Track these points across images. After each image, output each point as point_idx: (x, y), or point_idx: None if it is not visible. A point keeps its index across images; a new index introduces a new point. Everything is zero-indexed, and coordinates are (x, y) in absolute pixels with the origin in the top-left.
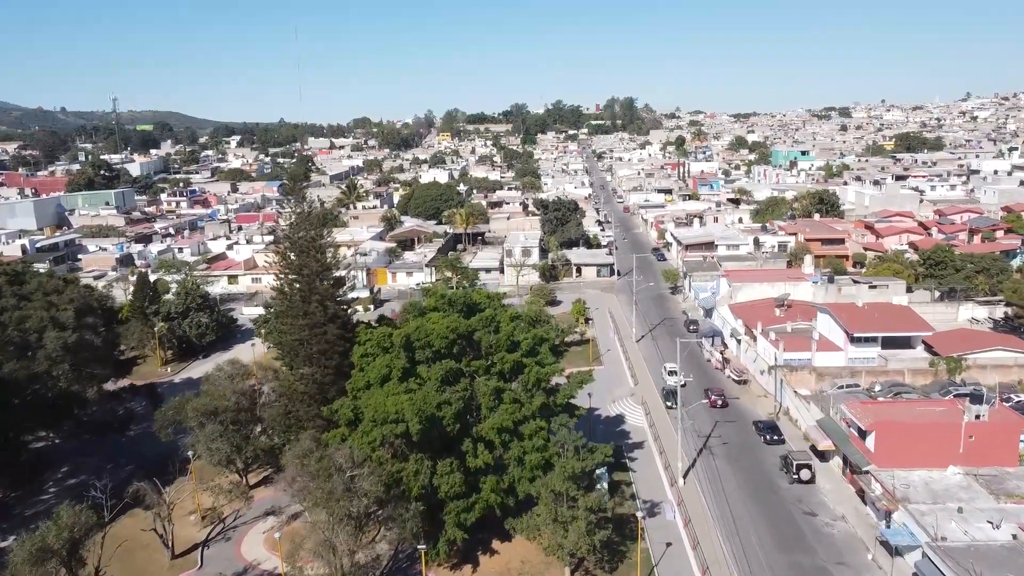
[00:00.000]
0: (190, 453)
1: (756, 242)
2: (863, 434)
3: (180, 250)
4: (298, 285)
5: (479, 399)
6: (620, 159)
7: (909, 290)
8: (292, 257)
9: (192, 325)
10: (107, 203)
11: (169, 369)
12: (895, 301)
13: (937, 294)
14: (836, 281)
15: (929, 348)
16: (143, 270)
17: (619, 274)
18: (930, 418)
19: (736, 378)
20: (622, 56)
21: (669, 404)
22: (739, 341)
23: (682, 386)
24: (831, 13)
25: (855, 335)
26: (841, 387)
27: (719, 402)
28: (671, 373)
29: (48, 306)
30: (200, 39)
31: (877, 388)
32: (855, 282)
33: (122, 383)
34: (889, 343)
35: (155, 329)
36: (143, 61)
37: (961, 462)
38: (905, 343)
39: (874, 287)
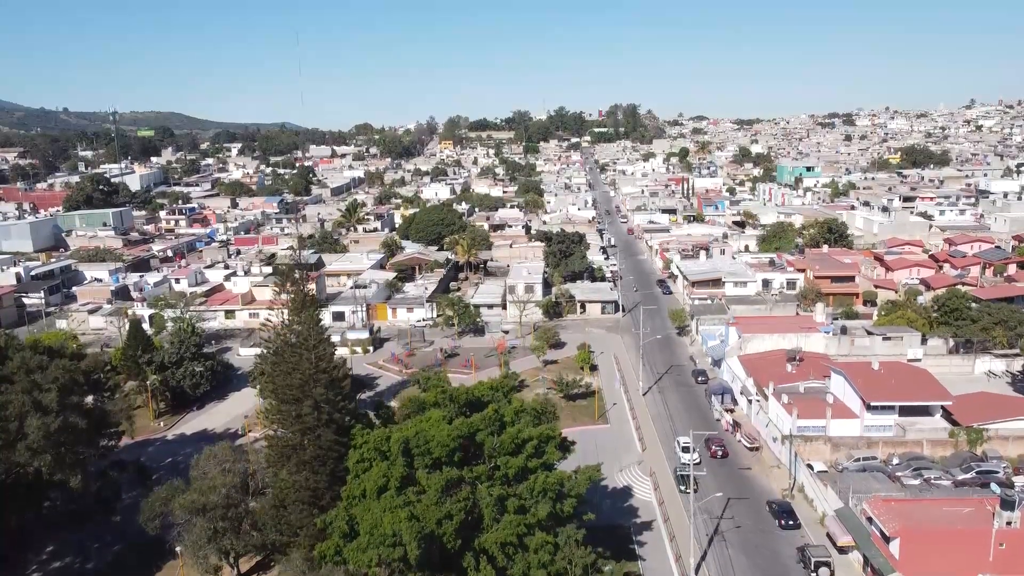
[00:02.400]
0: (179, 549)
1: (765, 283)
2: (887, 537)
3: (177, 281)
4: (291, 391)
5: (481, 508)
6: (623, 172)
7: (923, 340)
8: (284, 357)
9: (186, 375)
10: (104, 223)
11: (162, 423)
12: (910, 354)
13: (952, 342)
14: (849, 332)
15: (948, 415)
16: (136, 316)
17: (624, 310)
18: (959, 523)
19: (748, 445)
20: (625, 61)
21: (683, 488)
22: (750, 401)
23: (697, 463)
24: (835, 17)
25: (872, 403)
26: (857, 460)
27: (719, 453)
28: (685, 449)
29: (31, 387)
30: (203, 41)
31: (895, 461)
32: (868, 333)
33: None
34: (907, 410)
35: (148, 383)
36: (146, 62)
37: (991, 570)
38: (923, 410)
39: (888, 339)
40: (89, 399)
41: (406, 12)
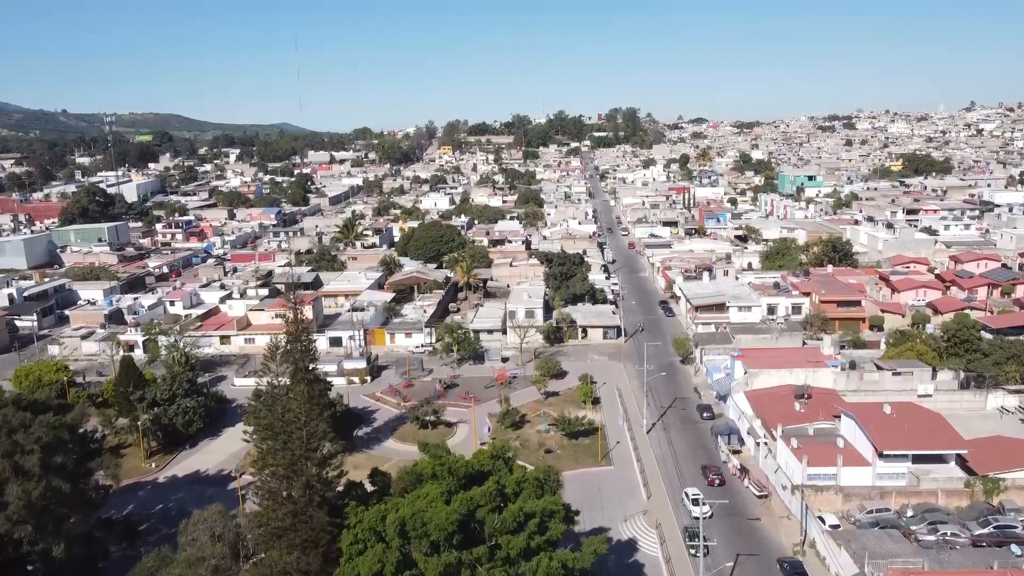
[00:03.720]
0: None
1: (770, 308)
2: None
3: (172, 303)
4: (281, 469)
5: None
6: (624, 181)
7: (934, 373)
8: (274, 440)
9: (179, 412)
10: (100, 239)
11: (154, 464)
12: (921, 390)
13: (962, 374)
14: (858, 367)
15: (963, 461)
16: (128, 343)
17: (626, 334)
18: None
19: (757, 493)
20: (624, 64)
21: (693, 550)
22: (758, 443)
23: (708, 517)
24: (835, 19)
25: (885, 452)
26: (870, 512)
27: (716, 481)
28: (695, 502)
29: (12, 448)
30: (203, 43)
31: (909, 514)
32: (878, 367)
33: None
34: (921, 458)
35: (139, 423)
36: (145, 64)
37: None
38: (938, 458)
39: (898, 374)
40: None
41: (406, 15)
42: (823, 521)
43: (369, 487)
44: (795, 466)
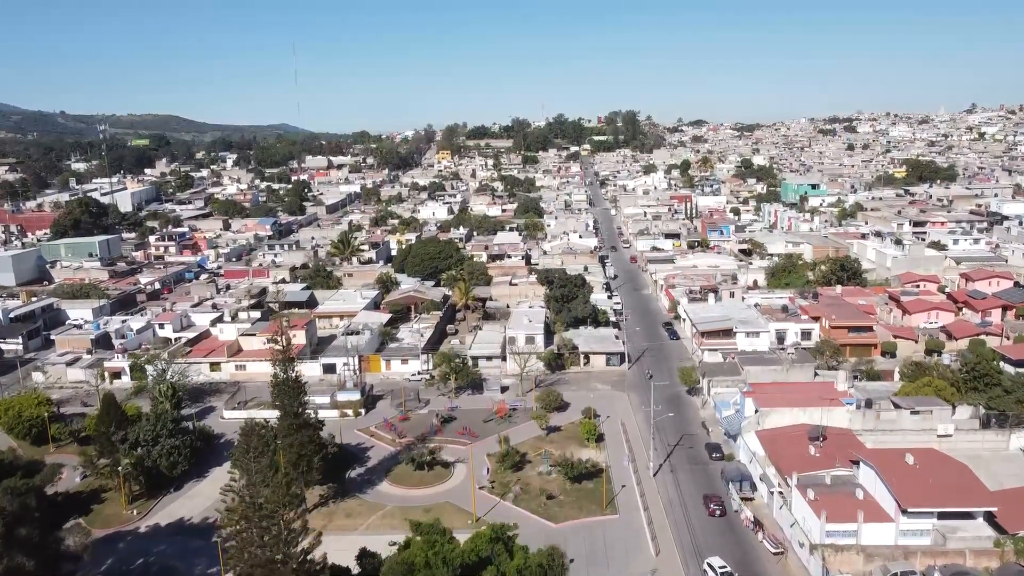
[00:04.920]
0: None
1: (780, 338)
2: None
3: (161, 326)
4: (259, 571)
5: None
6: (624, 188)
7: (953, 410)
8: (251, 523)
9: (163, 454)
10: (91, 254)
11: (135, 511)
12: (940, 430)
13: (982, 410)
14: (874, 405)
15: (991, 517)
16: (115, 378)
17: (630, 360)
18: None
19: (773, 549)
20: (624, 67)
21: None
22: (772, 492)
23: None
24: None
25: (909, 509)
26: (895, 575)
27: (717, 512)
28: (723, 571)
29: None
30: (202, 44)
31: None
32: (895, 406)
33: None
34: (947, 513)
35: (119, 468)
36: (144, 65)
37: None
38: (965, 513)
39: (916, 412)
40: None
41: (405, 15)
42: None
43: (355, 569)
44: (813, 521)
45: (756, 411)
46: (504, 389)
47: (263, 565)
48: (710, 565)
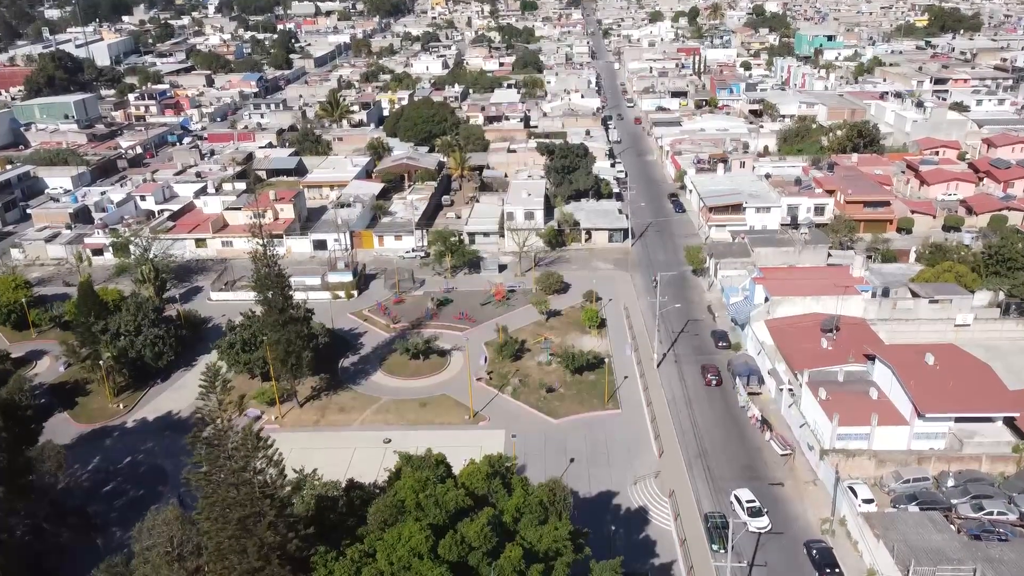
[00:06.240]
0: None
1: (792, 217)
2: None
3: (142, 198)
4: (231, 532)
5: None
6: (629, 40)
7: (971, 291)
8: (222, 480)
9: (147, 344)
10: (67, 115)
11: (122, 405)
12: (959, 320)
13: (1002, 296)
14: (891, 294)
15: (1011, 422)
16: (86, 275)
17: (634, 236)
18: None
19: (780, 451)
20: None
21: (715, 546)
22: (781, 390)
23: (767, 530)
24: None
25: (926, 415)
26: (907, 481)
27: (713, 382)
28: (752, 511)
29: None
30: None
31: (950, 483)
32: (913, 294)
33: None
34: (965, 417)
35: (100, 362)
36: None
37: None
38: (984, 417)
39: (935, 302)
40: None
41: None
42: (854, 493)
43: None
44: (824, 424)
45: (766, 299)
46: (502, 268)
47: (236, 523)
48: (737, 498)
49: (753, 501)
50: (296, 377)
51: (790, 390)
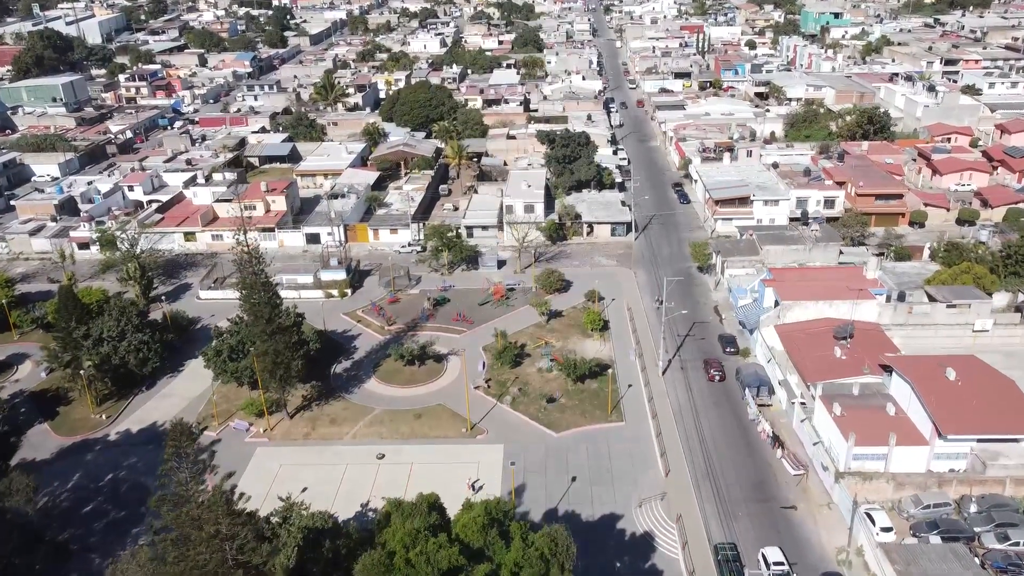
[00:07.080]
0: None
1: (802, 212)
2: None
3: (130, 188)
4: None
5: None
6: (631, 16)
7: (989, 294)
8: (191, 544)
9: (131, 349)
10: (55, 98)
11: (104, 415)
12: (977, 325)
13: (1021, 296)
14: (907, 299)
15: None
16: (69, 274)
17: (638, 228)
18: None
19: (792, 470)
20: None
21: None
22: (792, 402)
23: None
24: None
25: (948, 435)
26: (927, 507)
27: (716, 377)
28: (777, 563)
29: None
30: None
31: (972, 509)
32: (930, 298)
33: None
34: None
35: (82, 372)
36: None
37: None
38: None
39: (953, 307)
40: None
41: None
42: (872, 520)
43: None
44: (839, 443)
45: (777, 303)
46: (501, 264)
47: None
48: (764, 557)
49: (781, 564)
50: (285, 387)
51: (802, 403)
